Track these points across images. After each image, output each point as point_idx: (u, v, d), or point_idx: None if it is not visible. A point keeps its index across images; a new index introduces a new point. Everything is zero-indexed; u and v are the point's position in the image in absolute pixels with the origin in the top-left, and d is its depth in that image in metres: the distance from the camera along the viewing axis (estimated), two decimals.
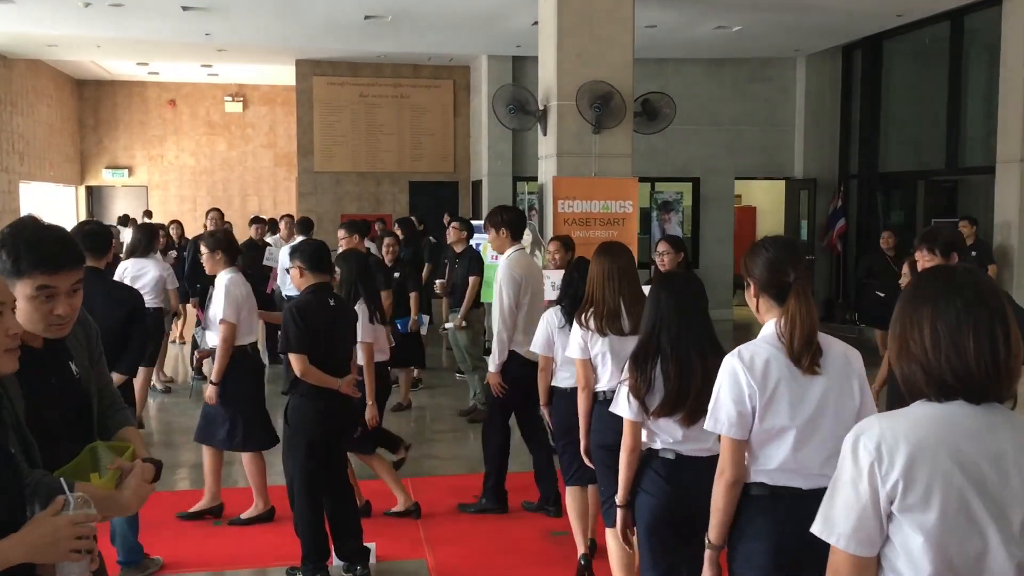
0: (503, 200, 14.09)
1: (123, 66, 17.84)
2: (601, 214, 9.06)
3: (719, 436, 2.69)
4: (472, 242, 9.71)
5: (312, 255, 4.42)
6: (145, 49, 14.63)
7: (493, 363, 5.50)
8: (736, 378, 2.64)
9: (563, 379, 4.62)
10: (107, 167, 19.84)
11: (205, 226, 10.17)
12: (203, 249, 5.24)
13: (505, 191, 14.10)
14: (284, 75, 16.63)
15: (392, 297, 8.18)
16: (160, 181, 20.14)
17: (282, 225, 12.61)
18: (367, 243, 12.29)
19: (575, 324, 4.25)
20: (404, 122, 15.92)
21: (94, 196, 20.21)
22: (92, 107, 19.65)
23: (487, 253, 9.26)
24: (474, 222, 10.89)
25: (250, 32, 12.63)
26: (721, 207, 14.55)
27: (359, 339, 4.94)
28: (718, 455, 2.71)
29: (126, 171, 19.95)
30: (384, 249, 8.53)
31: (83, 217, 19.27)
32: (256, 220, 10.46)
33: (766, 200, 16.04)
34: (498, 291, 5.52)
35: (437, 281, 8.93)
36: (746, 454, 2.69)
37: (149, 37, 13.02)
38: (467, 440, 7.69)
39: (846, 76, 14.06)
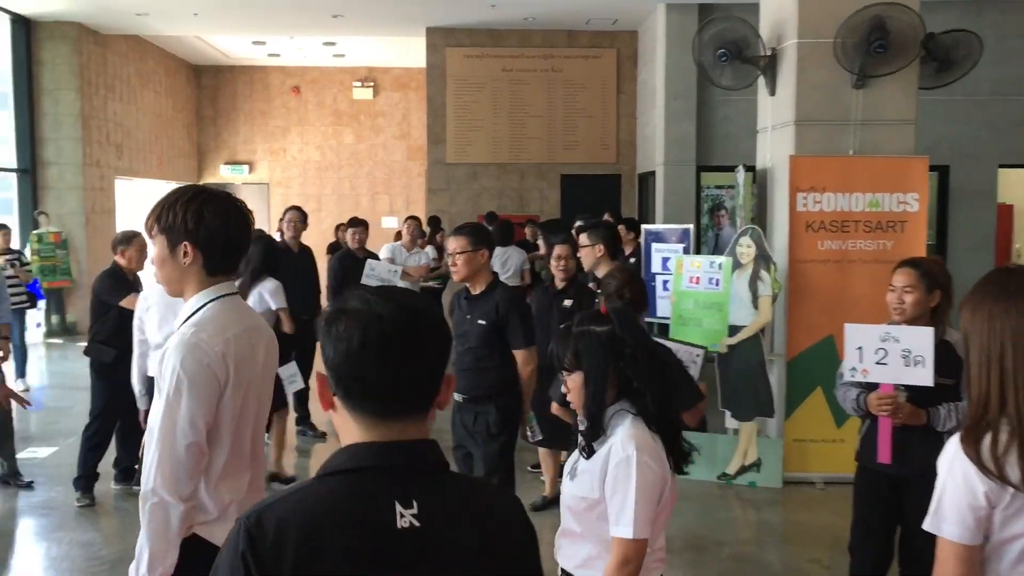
0: (682, 196, 10.93)
1: (240, 47, 15.75)
2: (868, 214, 5.82)
3: None
4: (660, 254, 6.70)
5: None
6: (249, 17, 12.28)
7: None
8: None
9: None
10: (226, 163, 17.86)
11: (280, 231, 7.51)
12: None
13: (686, 185, 10.92)
14: (418, 56, 14.05)
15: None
16: (282, 178, 18.00)
17: (404, 229, 9.98)
18: (506, 257, 9.46)
19: (961, 458, 1.82)
20: (556, 102, 12.98)
21: None
22: (210, 96, 17.70)
23: (682, 275, 6.15)
24: (651, 227, 7.82)
25: None
26: (978, 204, 10.86)
27: None
28: None
29: (246, 167, 17.91)
30: (554, 264, 5.41)
31: None
32: (354, 222, 7.77)
33: None
34: (168, 401, 2.21)
35: None
36: None
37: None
38: None
39: None
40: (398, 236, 10.62)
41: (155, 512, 2.18)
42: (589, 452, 2.40)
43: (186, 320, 2.30)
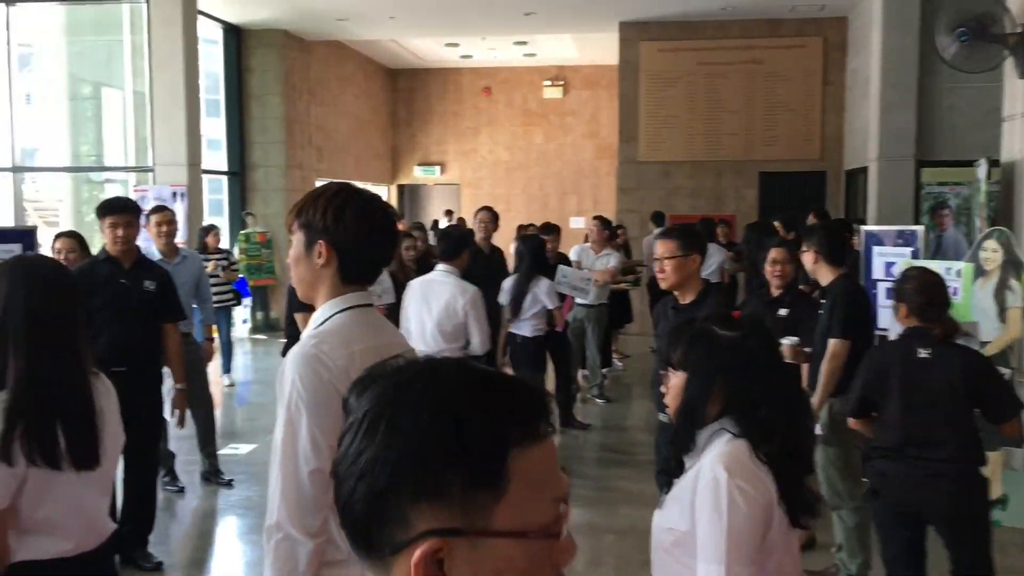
0: (898, 194, 9.99)
1: (434, 50, 16.00)
2: None
3: None
4: (883, 259, 6.06)
5: None
6: (443, 19, 12.35)
7: None
8: None
9: None
10: (419, 164, 18.22)
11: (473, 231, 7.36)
12: None
13: (903, 182, 9.96)
14: (609, 53, 13.75)
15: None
16: (472, 179, 18.17)
17: (590, 230, 9.65)
18: (707, 254, 8.97)
19: None
20: (755, 96, 12.29)
21: (406, 196, 18.72)
22: (405, 99, 18.11)
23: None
24: (871, 228, 7.12)
25: None
26: None
27: None
28: None
29: (438, 168, 18.20)
30: (769, 270, 4.91)
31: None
32: (547, 228, 7.51)
33: None
34: (288, 421, 1.96)
35: (787, 342, 4.22)
36: None
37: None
38: None
39: None
40: (587, 238, 10.33)
41: (280, 549, 1.91)
42: (679, 466, 2.11)
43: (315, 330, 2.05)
